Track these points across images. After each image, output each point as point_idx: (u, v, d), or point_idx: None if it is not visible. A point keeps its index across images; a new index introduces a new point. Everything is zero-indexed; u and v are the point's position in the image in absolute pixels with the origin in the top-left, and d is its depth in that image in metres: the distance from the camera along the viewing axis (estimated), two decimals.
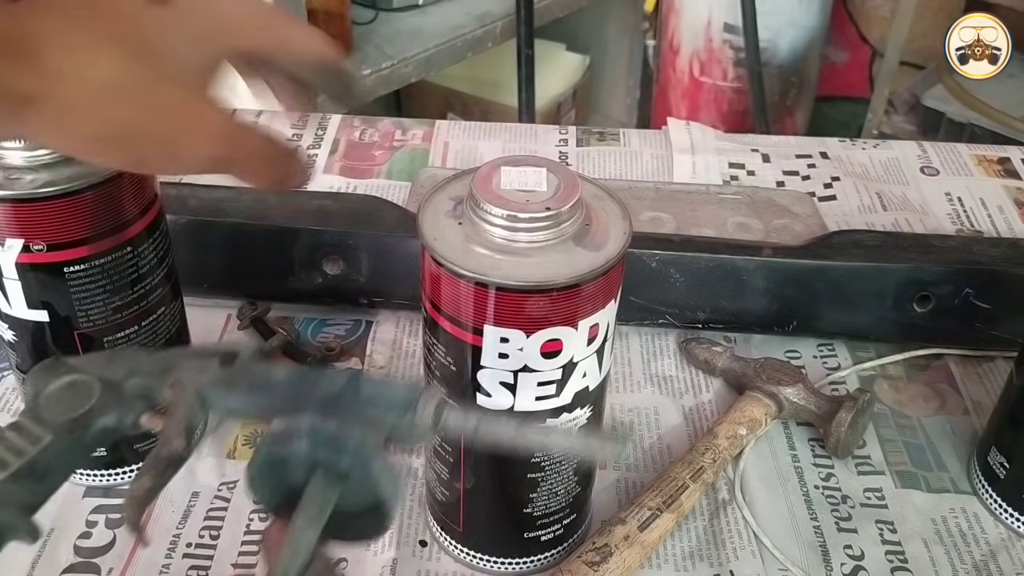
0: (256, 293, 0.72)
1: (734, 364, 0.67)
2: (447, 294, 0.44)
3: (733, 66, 2.04)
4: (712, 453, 0.59)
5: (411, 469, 0.60)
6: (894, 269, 0.68)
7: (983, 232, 0.83)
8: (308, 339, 0.71)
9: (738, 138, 0.97)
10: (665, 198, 0.85)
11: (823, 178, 0.90)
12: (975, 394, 0.68)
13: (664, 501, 0.56)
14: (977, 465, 0.60)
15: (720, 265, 0.68)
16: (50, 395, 0.38)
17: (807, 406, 0.63)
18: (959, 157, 0.94)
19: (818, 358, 0.70)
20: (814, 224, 0.82)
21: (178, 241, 0.69)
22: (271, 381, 0.40)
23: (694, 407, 0.66)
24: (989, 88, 1.80)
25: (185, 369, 0.40)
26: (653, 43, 2.24)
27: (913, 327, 0.69)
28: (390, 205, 0.75)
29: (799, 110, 2.17)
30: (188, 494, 0.59)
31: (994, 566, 0.56)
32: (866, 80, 2.30)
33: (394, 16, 1.77)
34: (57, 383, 0.39)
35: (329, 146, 0.92)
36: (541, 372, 0.45)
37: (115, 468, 0.58)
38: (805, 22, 2.03)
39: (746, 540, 0.57)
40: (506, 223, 0.43)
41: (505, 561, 0.54)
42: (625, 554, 0.52)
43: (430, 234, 0.44)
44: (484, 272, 0.42)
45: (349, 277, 0.69)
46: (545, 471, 0.50)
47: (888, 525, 0.58)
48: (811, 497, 0.60)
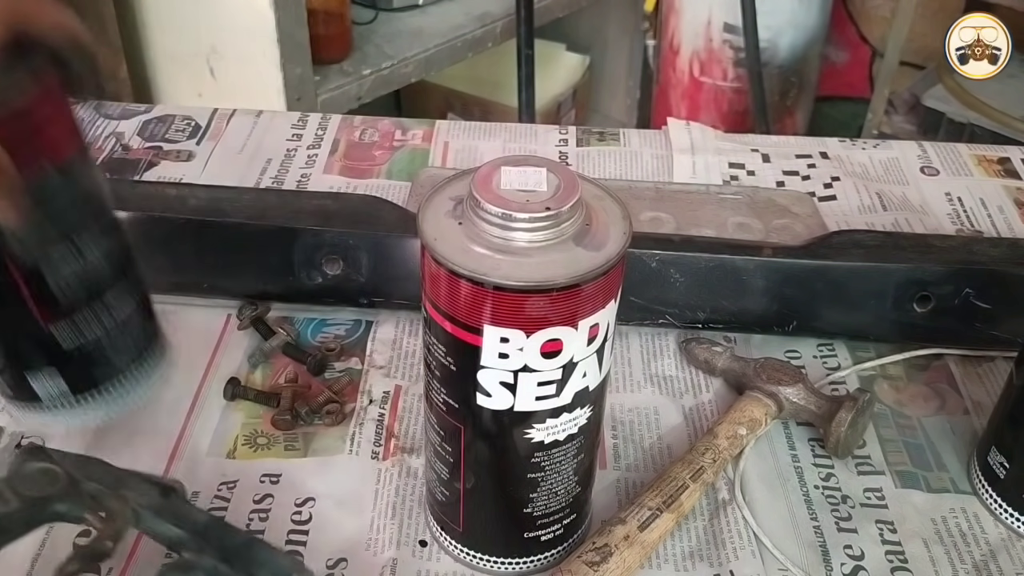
0: (256, 293, 0.72)
1: (734, 364, 0.67)
2: (447, 294, 0.44)
3: (733, 66, 2.04)
4: (712, 453, 0.59)
5: (411, 469, 0.60)
6: (894, 269, 0.68)
7: (983, 232, 0.83)
8: (308, 339, 0.71)
9: (738, 138, 0.97)
10: (665, 198, 0.85)
11: (823, 178, 0.90)
12: (975, 394, 0.68)
13: (664, 501, 0.56)
14: (977, 465, 0.60)
15: (720, 265, 0.68)
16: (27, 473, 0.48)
17: (807, 406, 0.63)
18: (959, 157, 0.94)
19: (818, 358, 0.70)
20: (814, 224, 0.82)
21: (179, 241, 0.70)
22: (191, 520, 0.49)
23: (694, 407, 0.66)
24: (989, 88, 1.80)
25: (132, 488, 0.49)
26: (653, 43, 2.24)
27: (913, 327, 0.69)
28: (390, 205, 0.75)
29: (799, 110, 2.17)
30: (188, 494, 0.59)
31: (994, 566, 0.56)
32: (866, 80, 2.30)
33: (394, 16, 1.77)
34: (35, 465, 0.48)
35: (329, 146, 0.92)
36: (541, 372, 0.45)
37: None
38: (805, 22, 2.03)
39: (746, 540, 0.57)
40: (506, 223, 0.43)
41: (505, 561, 0.54)
42: (625, 554, 0.52)
43: (430, 234, 0.44)
44: (484, 272, 0.42)
45: (349, 277, 0.69)
46: (545, 471, 0.50)
47: (888, 525, 0.58)
48: (811, 497, 0.60)
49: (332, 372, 0.68)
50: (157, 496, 0.49)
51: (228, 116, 0.96)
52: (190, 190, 0.79)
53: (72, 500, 0.48)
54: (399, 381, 0.67)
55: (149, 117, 0.96)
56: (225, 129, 0.94)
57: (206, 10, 1.55)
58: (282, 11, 1.44)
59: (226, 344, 0.70)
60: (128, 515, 0.48)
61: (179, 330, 0.70)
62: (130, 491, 0.49)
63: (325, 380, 0.67)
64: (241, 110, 0.98)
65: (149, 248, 0.70)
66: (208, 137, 0.93)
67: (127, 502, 0.48)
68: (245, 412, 0.65)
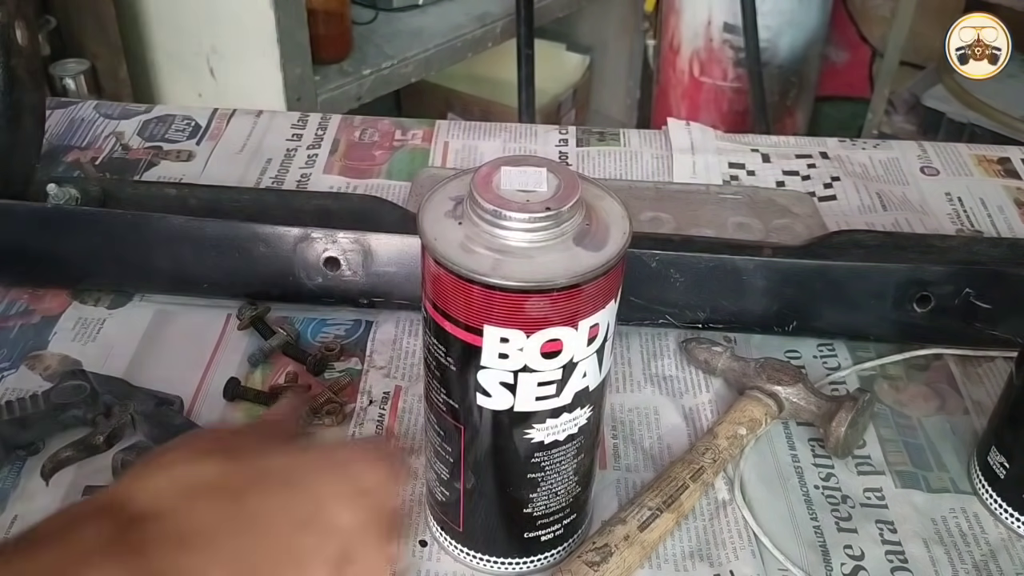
0: (256, 293, 0.72)
1: (734, 364, 0.67)
2: (447, 294, 0.44)
3: (733, 66, 2.04)
4: (712, 453, 0.59)
5: (411, 469, 0.60)
6: (894, 269, 0.68)
7: (983, 232, 0.83)
8: (308, 339, 0.71)
9: (738, 138, 0.97)
10: (665, 198, 0.85)
11: (823, 178, 0.90)
12: (975, 394, 0.68)
13: (664, 501, 0.56)
14: (977, 465, 0.60)
15: (720, 265, 0.68)
16: (62, 388, 0.62)
17: (807, 406, 0.63)
18: (959, 157, 0.94)
19: (818, 358, 0.70)
20: (814, 224, 0.82)
21: (179, 241, 0.70)
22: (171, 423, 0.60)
23: (694, 407, 0.66)
24: (989, 88, 1.80)
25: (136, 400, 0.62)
26: (653, 43, 2.24)
27: (913, 327, 0.69)
28: (390, 205, 0.75)
29: (799, 110, 2.17)
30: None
31: (994, 566, 0.56)
32: (866, 80, 2.30)
33: (394, 16, 1.77)
34: (71, 382, 0.62)
35: (329, 146, 0.92)
36: (541, 372, 0.45)
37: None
38: (805, 22, 2.03)
39: (746, 540, 0.57)
40: (506, 223, 0.43)
41: (505, 561, 0.54)
42: (625, 554, 0.52)
43: (430, 234, 0.44)
44: (484, 272, 0.42)
45: (349, 277, 0.69)
46: (545, 471, 0.50)
47: (888, 525, 0.58)
48: (811, 497, 0.60)
49: (332, 372, 0.68)
50: (153, 406, 0.61)
51: (228, 116, 0.96)
52: (190, 190, 0.79)
53: (88, 407, 0.61)
54: (399, 381, 0.67)
55: (149, 117, 0.96)
56: (225, 129, 0.94)
57: (206, 10, 1.55)
58: (282, 11, 1.44)
59: (226, 344, 0.70)
60: (127, 419, 0.60)
61: (179, 330, 0.71)
62: (134, 401, 0.61)
63: (325, 380, 0.67)
64: (241, 110, 0.98)
65: (149, 248, 0.70)
66: (208, 137, 0.93)
67: (128, 409, 0.61)
68: (245, 412, 0.65)
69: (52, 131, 0.91)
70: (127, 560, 0.31)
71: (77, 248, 0.71)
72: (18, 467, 0.60)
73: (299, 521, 0.33)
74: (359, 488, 0.35)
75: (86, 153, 0.90)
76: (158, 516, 0.32)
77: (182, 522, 0.32)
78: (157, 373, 0.66)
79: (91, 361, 0.67)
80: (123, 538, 0.31)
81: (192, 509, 0.32)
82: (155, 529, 0.31)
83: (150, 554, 0.31)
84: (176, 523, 0.32)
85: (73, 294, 0.73)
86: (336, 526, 0.34)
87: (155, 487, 0.32)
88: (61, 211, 0.72)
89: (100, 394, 0.62)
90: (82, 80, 1.62)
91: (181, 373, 0.67)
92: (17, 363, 0.67)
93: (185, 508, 0.32)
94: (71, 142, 0.92)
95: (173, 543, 0.31)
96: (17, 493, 0.58)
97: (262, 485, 0.33)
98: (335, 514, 0.34)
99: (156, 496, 0.32)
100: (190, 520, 0.32)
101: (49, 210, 0.72)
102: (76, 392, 0.61)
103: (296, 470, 0.34)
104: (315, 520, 0.33)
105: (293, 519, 0.33)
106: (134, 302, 0.73)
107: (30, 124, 0.76)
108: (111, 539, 0.31)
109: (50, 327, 0.70)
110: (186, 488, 0.32)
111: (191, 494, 0.32)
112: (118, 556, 0.31)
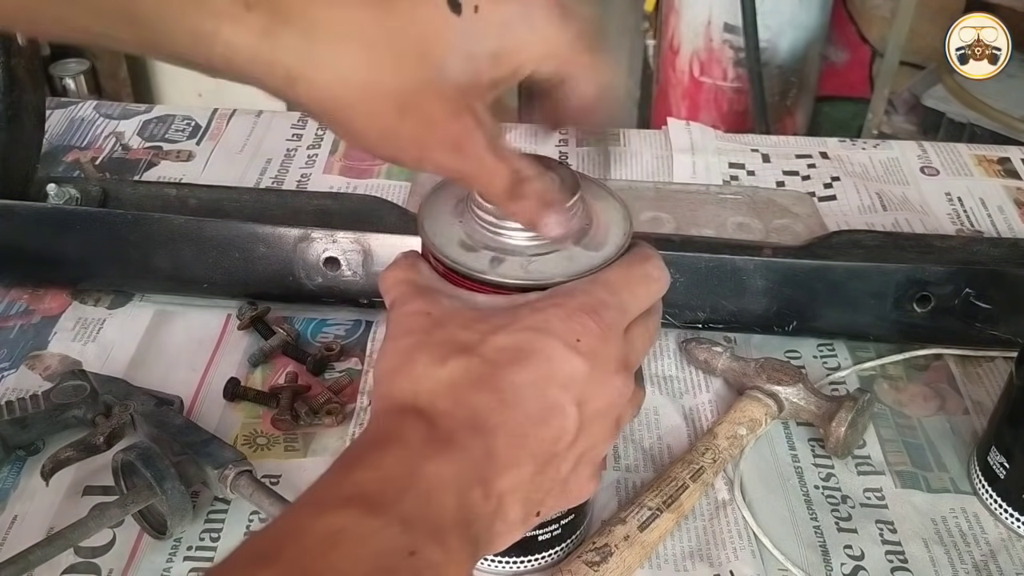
0: (256, 293, 0.72)
1: (734, 364, 0.67)
2: None
3: (733, 66, 2.04)
4: (712, 453, 0.59)
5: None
6: (894, 269, 0.68)
7: (983, 232, 0.83)
8: (308, 339, 0.71)
9: (738, 138, 0.97)
10: (665, 198, 0.85)
11: (823, 178, 0.90)
12: (975, 394, 0.68)
13: (664, 501, 0.56)
14: (977, 465, 0.60)
15: (720, 265, 0.68)
16: (63, 388, 0.62)
17: (807, 406, 0.63)
18: (959, 157, 0.94)
19: (818, 358, 0.70)
20: (814, 224, 0.82)
21: (179, 241, 0.70)
22: (170, 423, 0.60)
23: (694, 407, 0.66)
24: (989, 88, 1.80)
25: (136, 400, 0.61)
26: (653, 43, 2.24)
27: (913, 327, 0.69)
28: (390, 205, 0.75)
29: (799, 110, 2.17)
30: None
31: (994, 566, 0.56)
32: (866, 80, 2.30)
33: None
34: (72, 382, 0.63)
35: (329, 146, 0.92)
36: None
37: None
38: (805, 22, 2.03)
39: (746, 540, 0.57)
40: (506, 222, 0.43)
41: (504, 561, 0.54)
42: (625, 554, 0.52)
43: (430, 234, 0.44)
44: (484, 271, 0.42)
45: (349, 277, 0.69)
46: None
47: (888, 525, 0.58)
48: (811, 497, 0.60)
49: (332, 372, 0.68)
50: (153, 406, 0.61)
51: (228, 116, 0.96)
52: (190, 190, 0.79)
53: (88, 407, 0.61)
54: None
55: (149, 117, 0.96)
56: (225, 129, 0.95)
57: None
58: None
59: (226, 344, 0.70)
60: (127, 419, 0.60)
61: (179, 330, 0.71)
62: (134, 401, 0.61)
63: (325, 380, 0.67)
64: (241, 110, 0.98)
65: (149, 248, 0.70)
66: (208, 137, 0.93)
67: (128, 409, 0.60)
68: (245, 412, 0.65)
69: (52, 131, 0.91)
70: (448, 451, 0.36)
71: (77, 248, 0.71)
72: (18, 467, 0.60)
73: (542, 381, 0.38)
74: (576, 329, 0.39)
75: (86, 153, 0.90)
76: (444, 414, 0.37)
77: (465, 413, 0.37)
78: (157, 373, 0.67)
79: (91, 361, 0.67)
80: (434, 435, 0.36)
81: (465, 402, 0.37)
82: (448, 423, 0.37)
83: (459, 442, 0.36)
84: (462, 415, 0.37)
85: (73, 294, 0.73)
86: (570, 375, 0.38)
87: (428, 392, 0.37)
88: (61, 211, 0.72)
89: (100, 394, 0.62)
90: (82, 80, 1.62)
91: (181, 373, 0.67)
92: (17, 363, 0.67)
93: (460, 403, 0.37)
94: (71, 142, 0.92)
95: (468, 431, 0.37)
96: (17, 493, 0.58)
97: (502, 365, 0.38)
98: (567, 365, 0.38)
99: (432, 399, 0.37)
100: (468, 410, 0.37)
101: (49, 210, 0.72)
102: (76, 392, 0.62)
103: (521, 341, 0.38)
104: (553, 376, 0.38)
105: (537, 381, 0.38)
106: (134, 302, 0.73)
107: (30, 124, 0.76)
108: (427, 437, 0.36)
109: (50, 327, 0.70)
110: (449, 387, 0.37)
111: (456, 392, 0.37)
112: (440, 449, 0.36)
